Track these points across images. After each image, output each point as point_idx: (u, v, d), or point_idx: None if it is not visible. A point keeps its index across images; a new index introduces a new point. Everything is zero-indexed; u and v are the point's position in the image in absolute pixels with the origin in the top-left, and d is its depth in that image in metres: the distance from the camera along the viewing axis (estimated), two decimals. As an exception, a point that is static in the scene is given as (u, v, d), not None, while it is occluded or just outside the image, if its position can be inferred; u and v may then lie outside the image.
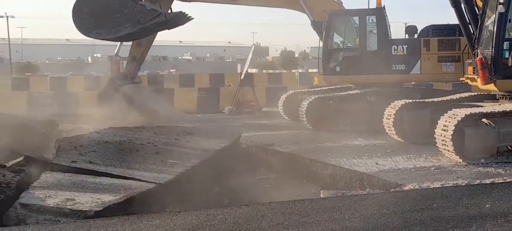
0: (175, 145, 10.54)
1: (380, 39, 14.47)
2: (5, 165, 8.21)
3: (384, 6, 14.82)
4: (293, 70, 43.75)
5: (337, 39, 15.18)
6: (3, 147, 9.70)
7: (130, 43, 15.10)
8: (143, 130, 11.61)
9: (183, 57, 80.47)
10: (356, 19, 14.90)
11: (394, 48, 14.47)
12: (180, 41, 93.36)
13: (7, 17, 66.26)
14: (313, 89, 17.46)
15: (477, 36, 11.26)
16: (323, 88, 16.92)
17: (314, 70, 41.30)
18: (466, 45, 12.63)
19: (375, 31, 14.57)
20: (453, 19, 12.29)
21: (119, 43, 15.54)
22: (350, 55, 14.97)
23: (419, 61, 14.34)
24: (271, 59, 76.25)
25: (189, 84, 26.89)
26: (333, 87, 16.27)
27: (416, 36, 14.89)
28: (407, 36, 15.06)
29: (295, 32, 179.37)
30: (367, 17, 14.68)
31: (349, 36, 15.14)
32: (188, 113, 18.27)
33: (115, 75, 15.83)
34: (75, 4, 10.58)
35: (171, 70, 53.53)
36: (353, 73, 14.52)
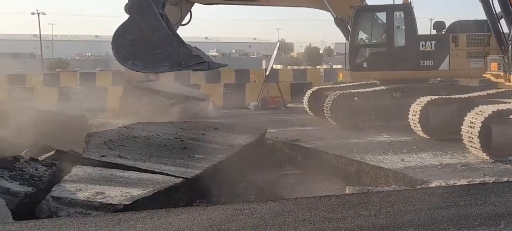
0: (202, 140, 10.66)
1: (407, 35, 14.38)
2: (38, 159, 8.42)
3: (411, 1, 14.75)
4: (318, 66, 43.63)
5: (364, 35, 15.11)
6: (36, 142, 9.95)
7: None
8: (170, 125, 11.76)
9: (209, 54, 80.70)
10: (383, 15, 14.81)
11: (422, 44, 14.36)
12: (206, 38, 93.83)
13: (39, 14, 67.48)
14: (338, 85, 17.43)
15: (510, 32, 11.08)
16: (348, 84, 16.88)
17: (339, 66, 41.23)
18: (487, 40, 12.55)
19: (403, 27, 14.47)
20: (479, 15, 12.16)
21: None
22: (377, 51, 14.88)
23: (448, 57, 14.22)
24: (296, 55, 76.07)
25: (215, 80, 27.02)
26: (357, 83, 16.23)
27: (443, 32, 14.76)
28: (434, 32, 14.95)
29: (320, 28, 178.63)
30: (395, 13, 14.59)
31: (376, 32, 15.05)
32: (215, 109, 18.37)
33: (130, 76, 15.76)
34: (118, 29, 9.84)
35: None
36: (380, 69, 14.45)
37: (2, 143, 9.99)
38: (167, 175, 7.86)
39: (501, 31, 11.29)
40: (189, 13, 13.74)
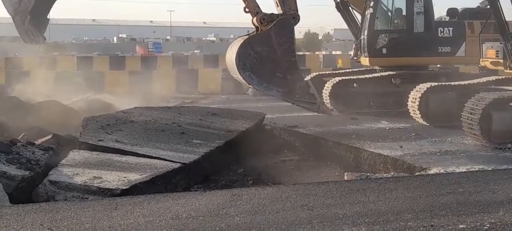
0: (200, 125, 10.63)
1: (426, 21, 14.33)
2: (34, 143, 8.38)
3: None
4: (317, 52, 43.48)
5: (382, 21, 14.97)
6: (33, 126, 9.91)
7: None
8: (168, 110, 11.72)
9: (207, 38, 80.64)
10: (402, 0, 14.69)
11: (440, 30, 14.37)
12: (204, 22, 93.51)
13: (35, -4, 66.76)
14: (337, 72, 17.35)
15: None
16: (347, 70, 16.81)
17: (338, 52, 41.16)
18: (483, 27, 12.56)
19: (422, 13, 14.39)
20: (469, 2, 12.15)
21: None
22: (396, 37, 14.77)
23: (464, 43, 14.26)
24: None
25: (213, 65, 26.96)
26: (357, 69, 16.17)
27: (456, 19, 14.78)
28: (447, 19, 14.97)
29: (318, 14, 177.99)
30: None
31: (396, 18, 14.95)
32: (213, 94, 18.37)
33: None
34: (250, 38, 9.57)
35: (195, 51, 53.69)
36: (400, 56, 14.39)
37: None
38: (165, 160, 7.82)
39: (503, 18, 11.25)
40: None
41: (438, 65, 15.73)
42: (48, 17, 10.90)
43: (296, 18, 9.25)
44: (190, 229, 4.99)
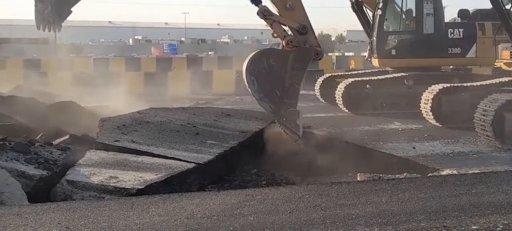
0: (214, 126, 10.73)
1: (436, 22, 14.31)
2: (52, 143, 8.52)
3: None
4: (330, 54, 43.42)
5: (392, 22, 14.99)
6: (50, 126, 10.06)
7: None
8: (183, 110, 11.84)
9: (221, 40, 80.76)
10: (412, 1, 14.70)
11: (450, 31, 14.34)
12: (218, 24, 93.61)
13: (52, -1, 67.32)
14: (350, 73, 17.37)
15: None
16: (360, 71, 16.83)
17: (351, 53, 41.06)
18: (499, 28, 12.49)
19: (432, 15, 14.38)
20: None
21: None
22: (406, 39, 14.77)
23: (475, 44, 14.21)
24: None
25: (227, 66, 27.06)
26: (369, 70, 16.18)
27: (467, 20, 14.73)
28: (459, 20, 14.92)
29: (331, 16, 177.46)
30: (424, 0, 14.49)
31: (405, 19, 14.96)
32: (227, 95, 18.47)
33: None
34: (270, 50, 10.28)
35: (209, 52, 53.82)
36: (409, 57, 14.39)
37: (18, 126, 10.15)
38: (180, 160, 7.92)
39: (509, 19, 11.22)
40: None
41: (451, 67, 15.69)
42: (72, 9, 10.85)
43: (319, 54, 9.48)
44: (204, 228, 5.06)
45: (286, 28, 9.38)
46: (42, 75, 20.41)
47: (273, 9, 9.40)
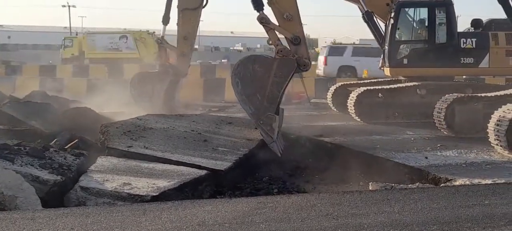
0: (218, 133, 10.80)
1: (449, 31, 14.29)
2: (66, 148, 8.61)
3: None
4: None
5: (403, 31, 14.97)
6: (65, 132, 10.16)
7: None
8: (181, 117, 11.91)
9: (235, 48, 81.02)
10: (424, 10, 14.67)
11: (463, 41, 14.30)
12: (232, 32, 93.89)
13: (69, 6, 68.51)
14: (362, 81, 17.35)
15: None
16: (372, 80, 16.81)
17: (364, 62, 40.82)
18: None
19: (444, 24, 14.35)
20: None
21: (163, 26, 15.97)
22: (418, 48, 14.75)
23: (488, 55, 14.15)
24: (320, 51, 75.57)
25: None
26: (382, 79, 16.15)
27: (480, 30, 14.68)
28: (472, 30, 14.87)
29: (344, 25, 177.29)
30: (437, 9, 14.46)
31: (417, 29, 14.94)
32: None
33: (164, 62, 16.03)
34: (258, 56, 10.57)
35: (222, 60, 54.02)
36: (421, 66, 14.36)
37: (33, 132, 10.26)
38: (200, 167, 7.98)
39: None
40: None
41: (464, 77, 15.62)
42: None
43: (306, 66, 9.94)
44: (216, 235, 5.10)
45: (282, 36, 9.84)
46: (57, 81, 20.63)
47: (272, 17, 9.86)
